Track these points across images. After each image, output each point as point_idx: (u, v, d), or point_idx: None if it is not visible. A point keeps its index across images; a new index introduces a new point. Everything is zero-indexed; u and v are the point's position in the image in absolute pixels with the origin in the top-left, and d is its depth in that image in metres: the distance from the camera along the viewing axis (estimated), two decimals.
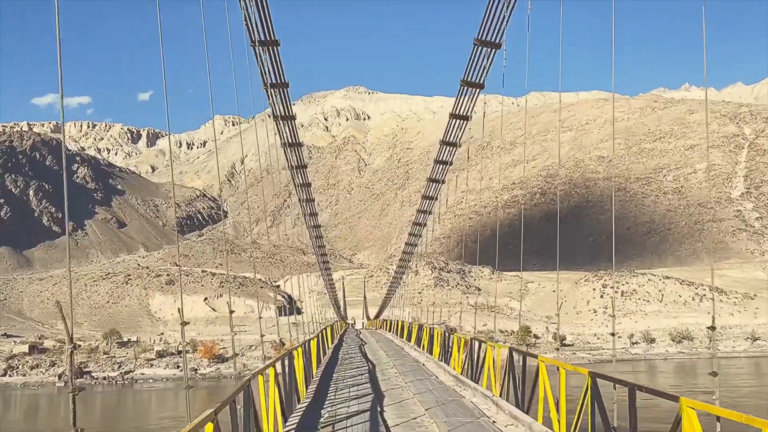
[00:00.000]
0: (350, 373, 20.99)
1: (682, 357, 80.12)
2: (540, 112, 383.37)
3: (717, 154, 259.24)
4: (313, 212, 27.61)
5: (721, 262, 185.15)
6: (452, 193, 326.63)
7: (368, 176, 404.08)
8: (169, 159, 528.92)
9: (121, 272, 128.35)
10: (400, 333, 39.65)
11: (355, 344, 37.71)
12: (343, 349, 33.74)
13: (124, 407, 58.48)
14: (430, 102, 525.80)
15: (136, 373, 68.54)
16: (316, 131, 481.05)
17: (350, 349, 33.26)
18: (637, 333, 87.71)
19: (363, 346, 35.01)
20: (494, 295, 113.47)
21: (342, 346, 35.46)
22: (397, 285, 49.65)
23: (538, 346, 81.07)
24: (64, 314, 6.36)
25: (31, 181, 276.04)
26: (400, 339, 37.88)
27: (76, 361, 72.78)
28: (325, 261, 43.23)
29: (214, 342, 77.59)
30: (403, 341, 35.66)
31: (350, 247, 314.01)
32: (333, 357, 27.36)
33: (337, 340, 38.83)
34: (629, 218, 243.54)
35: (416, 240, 31.46)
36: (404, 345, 33.48)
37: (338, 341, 38.95)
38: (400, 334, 40.01)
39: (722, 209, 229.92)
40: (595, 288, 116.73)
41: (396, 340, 38.54)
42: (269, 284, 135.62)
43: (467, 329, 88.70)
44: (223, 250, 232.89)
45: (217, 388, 63.73)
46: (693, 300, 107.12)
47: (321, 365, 22.70)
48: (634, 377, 67.40)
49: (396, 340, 39.17)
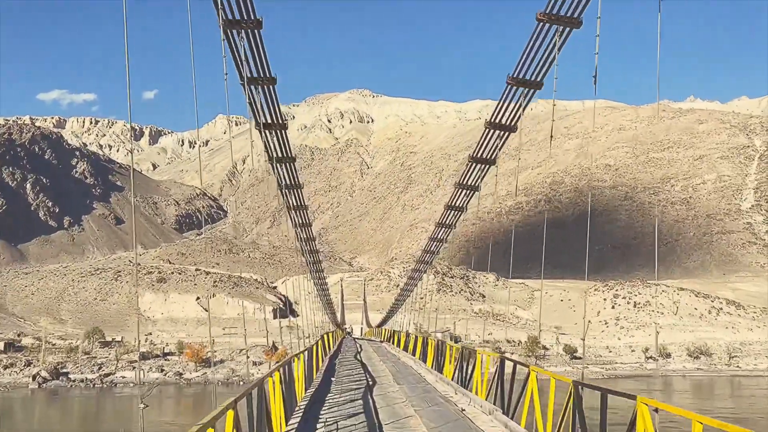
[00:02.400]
0: None
1: (701, 375, 75.02)
2: (545, 119, 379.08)
3: (726, 165, 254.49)
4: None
5: (730, 275, 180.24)
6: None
7: (370, 179, 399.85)
8: (169, 157, 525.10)
9: (111, 268, 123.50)
10: (415, 352, 29.08)
11: (355, 378, 20.89)
12: (334, 390, 17.39)
13: (103, 413, 53.71)
14: (434, 106, 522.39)
15: (117, 377, 63.62)
16: (320, 133, 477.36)
17: (346, 394, 16.59)
18: (652, 347, 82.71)
19: (370, 390, 17.18)
20: (501, 302, 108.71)
21: (332, 383, 19.18)
22: (409, 292, 43.27)
23: (548, 358, 76.18)
24: None
25: (28, 174, 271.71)
26: (420, 363, 25.65)
27: (52, 361, 68.14)
28: (322, 281, 39.78)
29: (202, 344, 72.72)
30: (426, 368, 23.26)
31: (350, 250, 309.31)
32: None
33: (325, 363, 25.88)
34: (635, 228, 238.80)
35: (437, 246, 25.83)
36: (434, 379, 19.95)
37: (328, 363, 26.32)
38: (413, 352, 29.70)
39: (732, 221, 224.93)
40: (605, 298, 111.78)
41: (416, 366, 25.15)
42: (266, 285, 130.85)
43: (472, 338, 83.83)
44: (221, 249, 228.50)
45: (203, 396, 58.88)
46: (710, 313, 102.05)
47: None
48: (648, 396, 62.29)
49: (415, 364, 25.64)
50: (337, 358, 31.02)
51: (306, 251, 27.12)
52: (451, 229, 22.11)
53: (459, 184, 17.72)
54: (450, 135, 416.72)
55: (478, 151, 15.45)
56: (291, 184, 17.71)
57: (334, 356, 31.52)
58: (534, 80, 12.68)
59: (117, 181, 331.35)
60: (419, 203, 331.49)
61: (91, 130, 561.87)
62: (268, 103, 12.90)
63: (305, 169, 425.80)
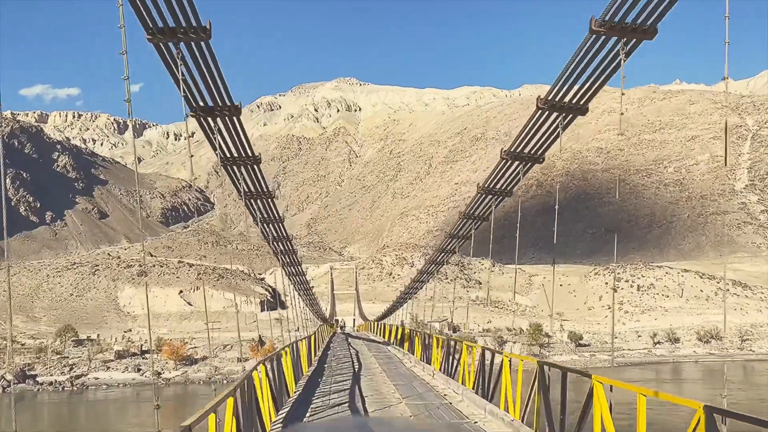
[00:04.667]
0: None
1: (713, 360, 71.04)
2: (535, 102, 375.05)
3: (719, 145, 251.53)
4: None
5: (728, 256, 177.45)
6: (446, 185, 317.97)
7: (359, 168, 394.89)
8: (155, 150, 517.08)
9: (88, 262, 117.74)
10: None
11: None
12: None
13: (76, 420, 48.76)
14: (422, 94, 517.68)
15: (89, 378, 58.55)
16: (306, 122, 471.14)
17: None
18: (660, 332, 78.72)
19: None
20: (498, 289, 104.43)
21: None
22: (417, 289, 35.07)
23: (552, 346, 71.89)
24: None
25: (8, 169, 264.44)
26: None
27: (19, 362, 63.01)
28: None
29: (183, 341, 67.77)
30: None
31: (340, 239, 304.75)
32: None
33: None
34: (629, 211, 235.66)
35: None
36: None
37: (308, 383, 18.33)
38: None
39: (726, 202, 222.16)
40: (607, 282, 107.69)
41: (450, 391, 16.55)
42: (253, 277, 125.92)
43: (471, 327, 79.51)
44: (208, 241, 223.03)
45: (183, 398, 54.05)
46: (716, 295, 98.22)
47: None
48: (657, 385, 58.12)
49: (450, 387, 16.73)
50: (316, 390, 16.74)
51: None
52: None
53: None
54: (439, 122, 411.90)
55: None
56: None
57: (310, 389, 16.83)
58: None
59: (100, 175, 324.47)
60: (409, 191, 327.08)
61: (74, 124, 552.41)
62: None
63: (293, 159, 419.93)
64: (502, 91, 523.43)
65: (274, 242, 18.31)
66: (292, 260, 22.71)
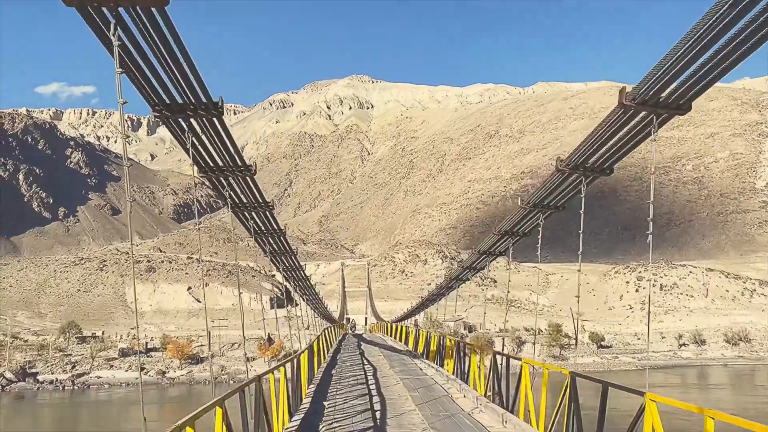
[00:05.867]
0: None
1: (743, 363, 67.58)
2: (549, 100, 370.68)
3: (739, 142, 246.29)
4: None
5: (749, 255, 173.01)
6: (459, 183, 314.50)
7: (371, 165, 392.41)
8: (168, 147, 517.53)
9: (96, 257, 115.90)
10: None
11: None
12: None
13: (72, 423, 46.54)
14: (435, 91, 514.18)
15: (91, 377, 56.35)
16: (319, 120, 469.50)
17: None
18: (686, 333, 75.33)
19: None
20: (514, 288, 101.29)
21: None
22: (442, 294, 31.54)
23: (573, 347, 68.81)
24: None
25: (21, 165, 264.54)
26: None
27: (20, 360, 61.07)
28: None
29: (190, 339, 65.47)
30: None
31: (352, 237, 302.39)
32: None
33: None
34: (646, 209, 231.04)
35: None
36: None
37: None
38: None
39: (746, 200, 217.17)
40: (628, 281, 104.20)
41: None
42: (263, 273, 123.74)
43: (488, 327, 76.66)
44: (219, 238, 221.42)
45: (188, 398, 51.70)
46: (743, 295, 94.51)
47: None
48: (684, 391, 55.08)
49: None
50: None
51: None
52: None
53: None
54: (452, 119, 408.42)
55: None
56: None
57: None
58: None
59: (113, 171, 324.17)
60: (422, 188, 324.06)
61: (89, 121, 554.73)
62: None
63: (305, 156, 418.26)
64: (515, 88, 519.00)
65: (273, 257, 16.25)
66: (296, 275, 21.30)
